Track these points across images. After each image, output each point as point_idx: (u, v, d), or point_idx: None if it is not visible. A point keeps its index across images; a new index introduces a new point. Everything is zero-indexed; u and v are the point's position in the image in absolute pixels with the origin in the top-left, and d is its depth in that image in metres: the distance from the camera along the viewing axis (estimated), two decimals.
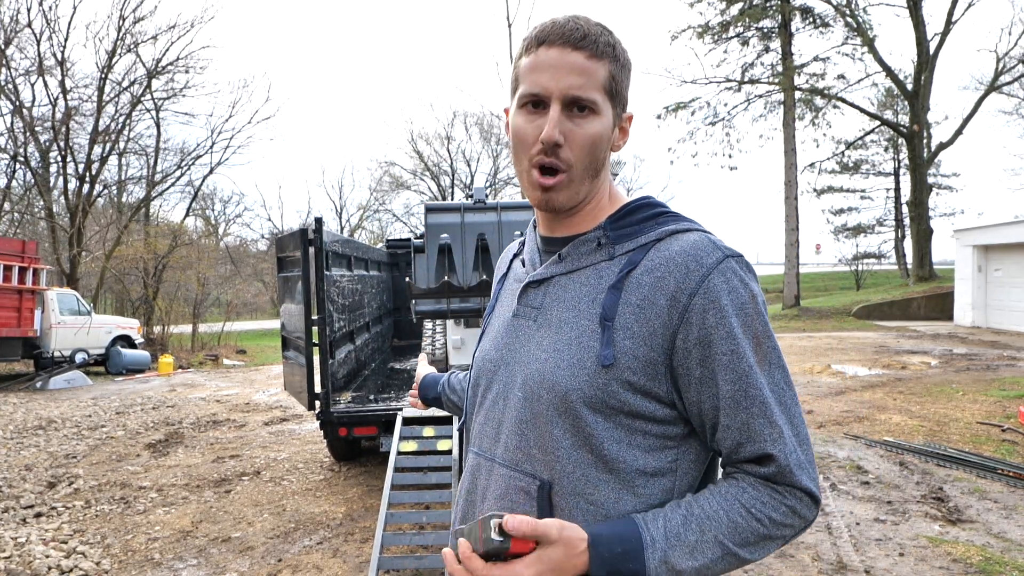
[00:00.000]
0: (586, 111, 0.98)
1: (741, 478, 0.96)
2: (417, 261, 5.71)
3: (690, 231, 0.99)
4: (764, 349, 0.95)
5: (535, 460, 0.99)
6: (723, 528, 0.92)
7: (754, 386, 0.93)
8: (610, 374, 0.94)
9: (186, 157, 23.69)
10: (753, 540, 0.93)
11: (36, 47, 19.40)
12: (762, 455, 0.94)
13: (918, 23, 23.68)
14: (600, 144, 1.00)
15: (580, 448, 0.96)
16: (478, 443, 1.10)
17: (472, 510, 1.08)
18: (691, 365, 0.94)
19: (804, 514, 0.96)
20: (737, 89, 25.97)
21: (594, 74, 0.97)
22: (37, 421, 9.03)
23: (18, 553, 4.40)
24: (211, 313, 26.60)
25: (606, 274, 1.00)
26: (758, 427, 0.93)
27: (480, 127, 37.86)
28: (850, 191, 35.98)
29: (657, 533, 0.91)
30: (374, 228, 40.84)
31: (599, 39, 0.98)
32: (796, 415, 0.96)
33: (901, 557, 4.00)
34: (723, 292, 0.93)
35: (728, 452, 0.96)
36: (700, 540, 0.91)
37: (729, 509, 0.93)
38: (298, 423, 8.57)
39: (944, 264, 28.61)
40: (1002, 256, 17.66)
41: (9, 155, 20.33)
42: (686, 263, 0.94)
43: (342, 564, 4.18)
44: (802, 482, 0.94)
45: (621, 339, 0.95)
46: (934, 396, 8.61)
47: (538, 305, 1.05)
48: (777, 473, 0.93)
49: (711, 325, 0.93)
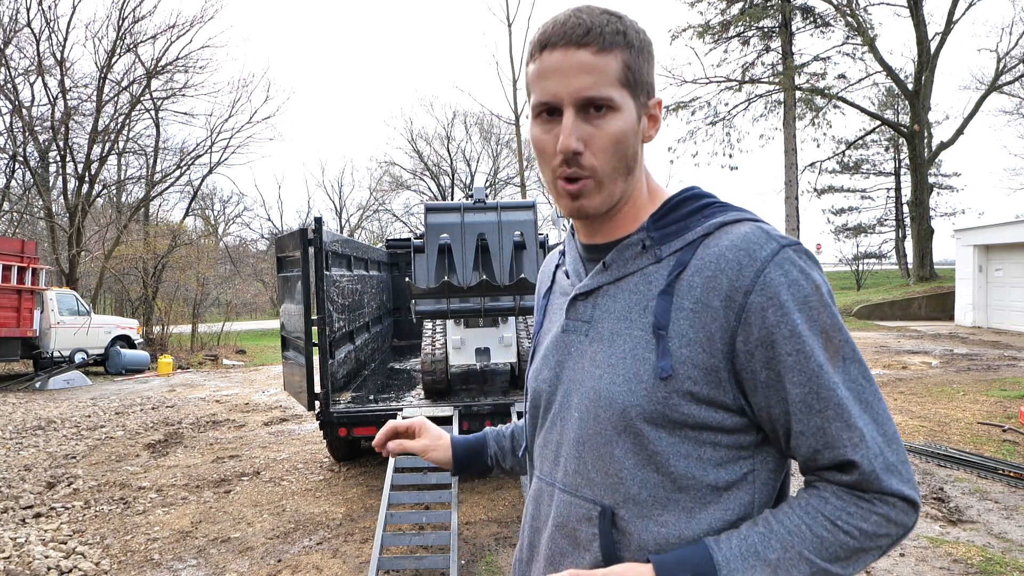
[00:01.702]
0: (603, 110, 0.91)
1: (823, 487, 0.88)
2: (417, 261, 5.70)
3: (740, 222, 0.92)
4: (835, 344, 0.87)
5: (595, 484, 0.94)
6: (808, 543, 0.85)
7: (826, 387, 0.85)
8: (670, 386, 0.88)
9: (185, 157, 23.70)
10: (843, 555, 0.85)
11: (35, 47, 19.42)
12: (843, 462, 0.86)
13: (918, 23, 23.67)
14: (625, 141, 0.92)
15: (644, 468, 0.90)
16: (539, 467, 1.06)
17: (538, 537, 1.04)
18: (755, 368, 0.87)
19: (901, 520, 0.86)
20: (737, 89, 25.99)
21: (605, 69, 0.90)
22: (36, 421, 9.02)
23: (17, 553, 4.39)
24: (211, 313, 26.60)
25: (655, 279, 0.93)
26: (835, 431, 0.85)
27: (480, 127, 37.90)
28: (850, 191, 36.03)
29: (731, 554, 0.85)
30: (374, 228, 40.91)
31: (605, 29, 0.90)
32: (880, 412, 0.87)
33: (901, 557, 4.00)
34: (782, 286, 0.85)
35: (805, 460, 0.89)
36: (783, 558, 0.84)
37: (812, 523, 0.85)
38: (298, 423, 8.56)
39: (945, 264, 28.65)
40: (1003, 256, 17.65)
41: (8, 155, 20.34)
42: (738, 258, 0.87)
43: (342, 564, 4.17)
44: (892, 487, 0.85)
45: (677, 348, 0.88)
46: (935, 396, 8.61)
47: (588, 318, 0.99)
48: (862, 480, 0.85)
49: (772, 324, 0.85)
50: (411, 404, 5.24)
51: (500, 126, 36.47)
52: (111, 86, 20.89)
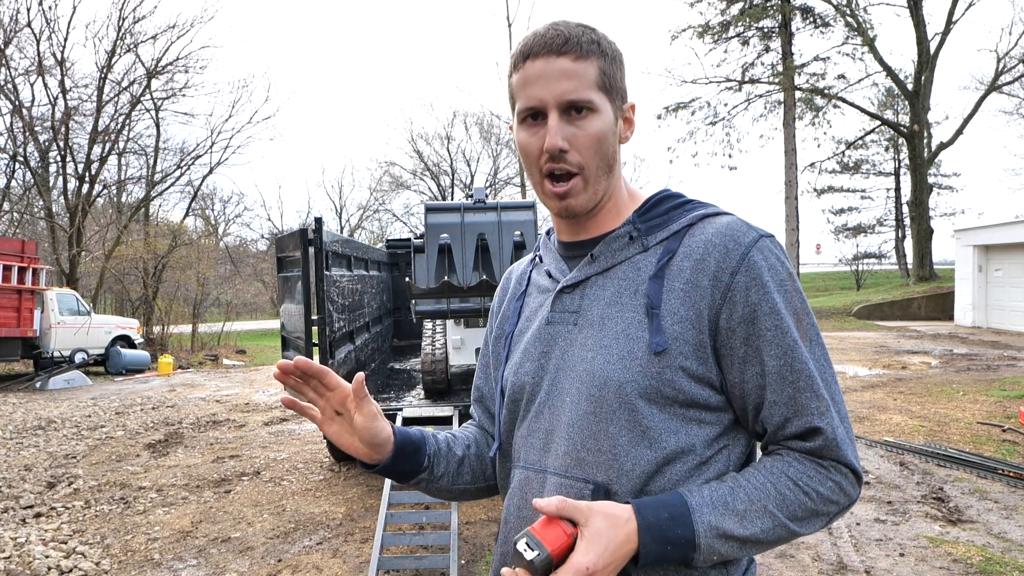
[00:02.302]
0: (584, 111, 0.98)
1: (786, 453, 0.96)
2: (417, 261, 5.70)
3: (721, 214, 1.01)
4: (804, 326, 0.96)
5: (587, 464, 0.97)
6: (772, 499, 0.92)
7: (799, 360, 0.93)
8: (663, 361, 0.94)
9: (186, 157, 23.72)
10: (802, 514, 0.93)
11: (36, 47, 19.44)
12: (809, 428, 0.93)
13: (918, 23, 23.67)
14: (605, 140, 1.00)
15: (638, 444, 0.95)
16: (524, 458, 1.07)
17: (526, 527, 1.03)
18: (735, 344, 0.94)
19: (849, 491, 0.96)
20: (737, 89, 25.98)
21: (584, 74, 0.98)
22: (37, 421, 9.02)
23: (18, 553, 4.39)
24: (211, 313, 26.61)
25: (644, 266, 1.00)
26: (805, 400, 0.93)
27: (480, 127, 37.87)
28: (850, 191, 36.00)
29: (703, 500, 0.91)
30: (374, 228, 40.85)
31: (582, 39, 0.99)
32: (836, 392, 0.96)
33: (901, 557, 4.00)
34: (764, 268, 0.95)
35: (774, 429, 0.96)
36: (749, 509, 0.91)
37: (776, 482, 0.93)
38: (298, 423, 8.57)
39: (944, 264, 28.63)
40: (1002, 256, 17.65)
41: (9, 155, 20.35)
42: (724, 243, 0.96)
43: (342, 564, 4.18)
44: (847, 457, 0.94)
45: (669, 325, 0.95)
46: (934, 396, 8.61)
47: (576, 308, 1.04)
48: (824, 447, 0.93)
49: (755, 301, 0.94)
50: (411, 404, 5.25)
51: (500, 126, 36.48)
52: (111, 86, 20.92)
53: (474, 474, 1.20)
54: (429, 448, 1.13)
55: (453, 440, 1.20)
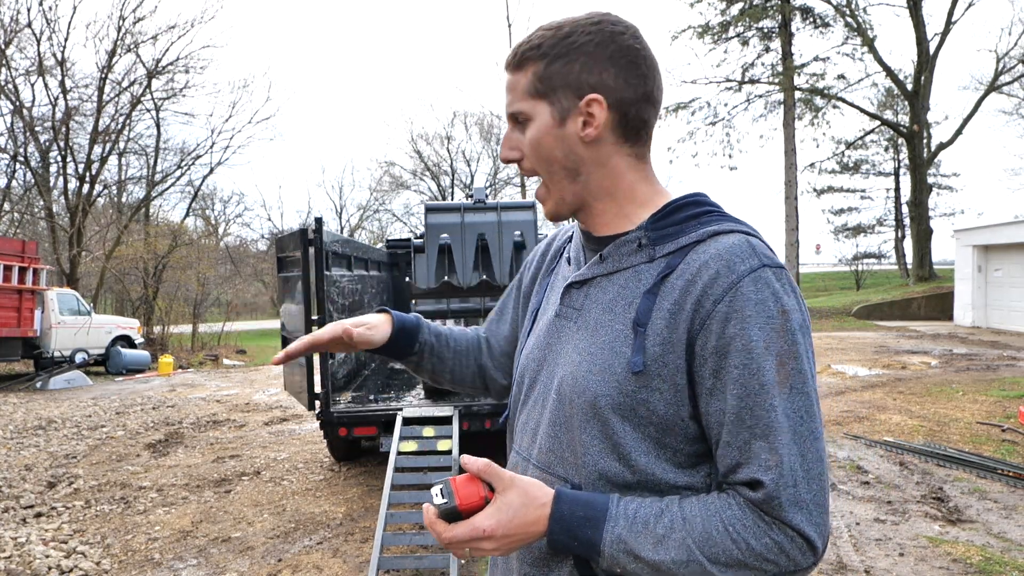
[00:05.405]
0: (522, 122, 1.02)
1: (733, 495, 0.89)
2: (417, 261, 5.71)
3: (732, 232, 0.93)
4: (787, 371, 0.87)
5: (566, 463, 0.98)
6: (695, 535, 0.87)
7: (762, 407, 0.86)
8: (639, 382, 0.91)
9: (186, 157, 23.75)
10: (724, 560, 0.86)
11: (36, 47, 19.46)
12: (753, 480, 0.87)
13: (918, 23, 23.69)
14: (541, 144, 1.00)
15: (608, 455, 0.94)
16: (519, 442, 1.10)
17: None
18: (704, 375, 0.89)
19: (794, 556, 0.86)
20: (737, 89, 25.98)
21: (516, 86, 1.02)
22: (37, 421, 9.03)
23: (18, 553, 4.40)
24: (211, 313, 26.59)
25: (644, 277, 0.96)
26: (756, 450, 0.86)
27: (480, 127, 37.91)
28: (850, 191, 36.01)
29: (625, 511, 0.89)
30: (374, 228, 40.87)
31: (522, 49, 1.01)
32: (810, 450, 0.87)
33: (901, 557, 4.00)
34: (749, 302, 0.87)
35: (724, 472, 0.90)
36: (668, 536, 0.87)
37: (707, 519, 0.87)
38: (298, 423, 8.57)
39: (944, 264, 28.62)
40: (1002, 256, 17.66)
41: (9, 155, 20.36)
42: (717, 268, 0.89)
43: (342, 564, 4.18)
44: (794, 520, 0.85)
45: (652, 345, 0.91)
46: (934, 396, 8.61)
47: (578, 306, 1.03)
48: (766, 502, 0.85)
49: (730, 335, 0.87)
50: (411, 404, 5.25)
51: (500, 126, 36.48)
52: (112, 86, 20.93)
53: (454, 376, 1.31)
54: (422, 336, 1.26)
55: (448, 339, 1.30)
